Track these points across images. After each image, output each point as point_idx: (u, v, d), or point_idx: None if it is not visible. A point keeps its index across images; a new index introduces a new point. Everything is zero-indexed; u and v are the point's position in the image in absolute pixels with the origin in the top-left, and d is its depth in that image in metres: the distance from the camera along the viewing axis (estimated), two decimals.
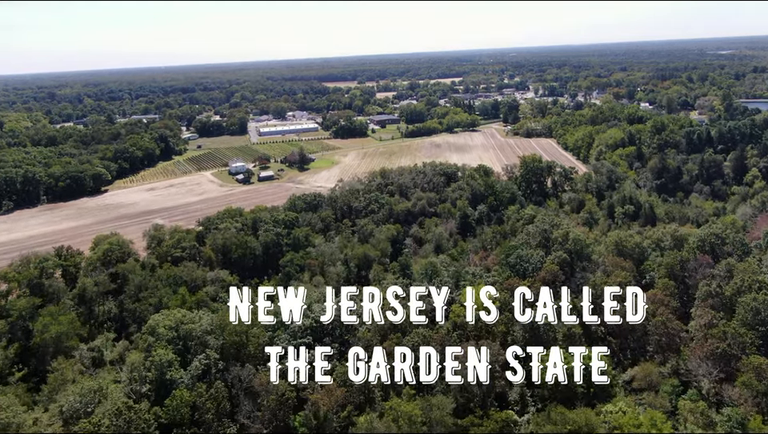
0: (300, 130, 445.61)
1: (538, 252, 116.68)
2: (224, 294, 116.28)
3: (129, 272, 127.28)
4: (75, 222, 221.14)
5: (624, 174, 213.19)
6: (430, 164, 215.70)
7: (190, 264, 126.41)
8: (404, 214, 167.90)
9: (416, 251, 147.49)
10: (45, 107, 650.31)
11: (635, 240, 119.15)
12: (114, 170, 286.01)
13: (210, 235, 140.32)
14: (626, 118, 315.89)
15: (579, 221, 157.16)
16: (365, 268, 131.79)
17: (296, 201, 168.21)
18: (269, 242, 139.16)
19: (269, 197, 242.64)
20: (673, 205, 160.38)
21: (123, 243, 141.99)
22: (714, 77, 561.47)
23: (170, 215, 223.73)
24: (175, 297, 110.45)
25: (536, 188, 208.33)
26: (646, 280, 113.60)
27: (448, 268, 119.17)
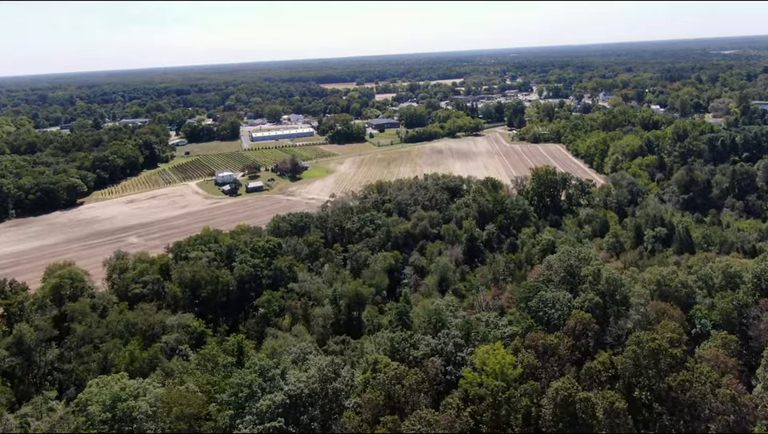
0: (294, 135, 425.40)
1: (564, 294, 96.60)
2: (185, 346, 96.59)
3: (77, 314, 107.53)
4: (42, 240, 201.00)
5: (646, 187, 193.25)
6: (431, 176, 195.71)
7: (148, 306, 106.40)
8: (403, 237, 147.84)
9: (417, 283, 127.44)
10: (34, 110, 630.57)
11: (680, 278, 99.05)
12: (91, 180, 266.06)
13: (177, 268, 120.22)
14: (641, 122, 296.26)
15: (604, 246, 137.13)
16: (357, 308, 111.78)
17: (280, 222, 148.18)
18: (245, 275, 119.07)
19: (256, 211, 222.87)
20: (711, 228, 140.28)
21: (77, 276, 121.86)
22: (725, 77, 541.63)
23: (148, 232, 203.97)
24: (122, 354, 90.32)
25: (549, 202, 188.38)
26: (697, 330, 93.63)
27: (455, 312, 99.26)
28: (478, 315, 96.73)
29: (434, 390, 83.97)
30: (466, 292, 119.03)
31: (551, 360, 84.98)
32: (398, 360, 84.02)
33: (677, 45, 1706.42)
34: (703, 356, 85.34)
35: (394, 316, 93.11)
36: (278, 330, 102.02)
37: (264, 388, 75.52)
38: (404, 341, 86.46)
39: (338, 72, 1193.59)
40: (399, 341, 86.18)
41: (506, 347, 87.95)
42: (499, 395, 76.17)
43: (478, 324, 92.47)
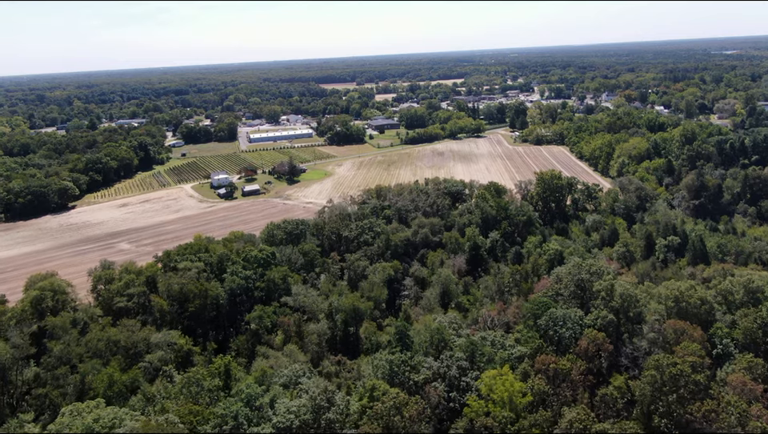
0: (293, 137, 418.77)
1: (575, 312, 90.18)
2: (171, 366, 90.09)
3: (57, 330, 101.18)
4: (30, 246, 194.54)
5: (654, 192, 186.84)
6: (432, 181, 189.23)
7: (132, 322, 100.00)
8: (403, 246, 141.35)
9: (418, 295, 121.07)
10: (31, 111, 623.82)
11: (699, 294, 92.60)
12: (83, 183, 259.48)
13: (164, 279, 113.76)
14: (646, 124, 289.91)
15: (614, 256, 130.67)
16: (354, 323, 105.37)
17: (274, 230, 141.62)
18: (236, 288, 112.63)
19: (251, 216, 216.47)
20: (726, 237, 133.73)
21: (59, 288, 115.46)
22: (729, 78, 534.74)
23: (139, 238, 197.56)
24: (101, 377, 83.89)
25: (554, 208, 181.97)
26: (718, 351, 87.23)
27: (459, 330, 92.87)
28: (483, 334, 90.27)
29: (436, 418, 77.78)
30: (469, 306, 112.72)
31: (563, 385, 78.64)
32: (398, 385, 77.75)
33: (678, 45, 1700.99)
34: (727, 381, 79.19)
35: (394, 336, 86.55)
36: (270, 348, 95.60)
37: (251, 420, 69.25)
38: (404, 364, 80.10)
39: (338, 72, 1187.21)
40: (399, 364, 79.81)
41: (513, 370, 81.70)
42: (508, 427, 69.84)
43: (484, 344, 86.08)
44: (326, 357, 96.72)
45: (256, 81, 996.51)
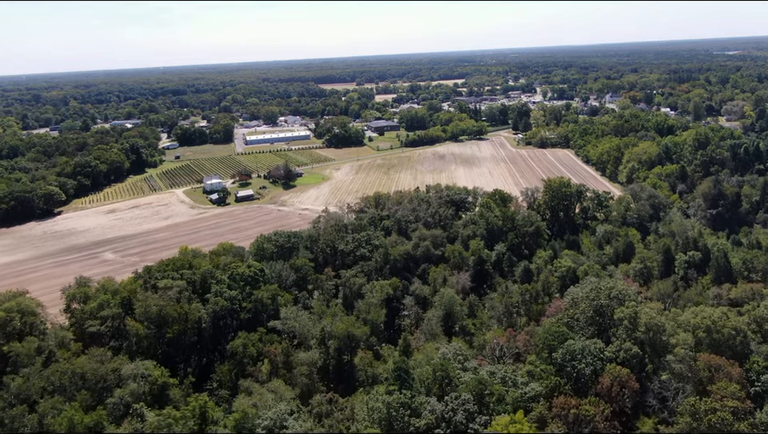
0: (290, 139, 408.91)
1: (594, 343, 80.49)
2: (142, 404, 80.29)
3: (21, 357, 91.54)
4: (9, 256, 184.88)
5: (667, 200, 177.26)
6: (434, 188, 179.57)
7: (101, 351, 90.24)
8: (403, 260, 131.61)
9: (418, 316, 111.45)
10: (25, 111, 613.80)
11: (732, 323, 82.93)
12: (71, 187, 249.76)
13: (141, 301, 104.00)
14: (654, 127, 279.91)
15: (630, 273, 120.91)
16: (348, 351, 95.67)
17: (264, 243, 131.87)
18: (220, 310, 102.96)
19: (243, 223, 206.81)
20: (751, 252, 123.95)
21: (27, 309, 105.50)
22: (735, 79, 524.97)
23: (125, 247, 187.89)
24: (61, 419, 74.20)
25: (563, 217, 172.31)
26: (756, 389, 77.44)
27: (465, 362, 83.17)
28: (492, 369, 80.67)
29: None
30: (475, 331, 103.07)
31: None
32: (396, 433, 68.25)
33: (679, 45, 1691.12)
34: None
35: (392, 373, 76.81)
36: (255, 382, 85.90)
37: None
38: (403, 407, 70.42)
39: (338, 72, 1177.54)
40: (397, 407, 70.15)
41: (527, 412, 72.18)
42: None
43: (493, 381, 76.46)
44: (317, 390, 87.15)
45: (255, 81, 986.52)
